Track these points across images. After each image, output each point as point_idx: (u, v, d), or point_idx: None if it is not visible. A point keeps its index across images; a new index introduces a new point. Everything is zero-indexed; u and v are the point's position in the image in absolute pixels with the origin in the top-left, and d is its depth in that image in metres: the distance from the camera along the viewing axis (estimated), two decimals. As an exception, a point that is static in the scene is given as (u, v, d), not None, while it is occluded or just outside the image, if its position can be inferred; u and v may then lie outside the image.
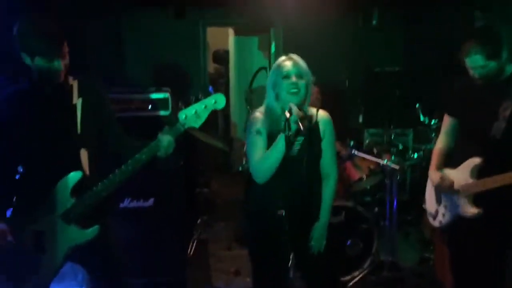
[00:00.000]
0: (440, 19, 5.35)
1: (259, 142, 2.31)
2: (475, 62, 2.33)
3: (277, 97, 2.33)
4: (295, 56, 2.36)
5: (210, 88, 2.64)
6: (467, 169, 2.43)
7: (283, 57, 2.37)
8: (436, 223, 2.71)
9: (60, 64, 2.09)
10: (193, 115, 2.12)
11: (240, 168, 5.63)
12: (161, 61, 5.66)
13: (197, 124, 2.14)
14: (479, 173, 2.39)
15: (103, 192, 2.13)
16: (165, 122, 2.25)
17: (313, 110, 2.41)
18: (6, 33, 2.17)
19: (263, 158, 2.25)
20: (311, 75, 2.37)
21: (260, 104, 2.48)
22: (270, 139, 2.31)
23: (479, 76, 2.36)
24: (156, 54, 5.66)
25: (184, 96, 5.05)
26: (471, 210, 2.41)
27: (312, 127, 2.37)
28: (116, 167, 2.15)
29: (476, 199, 2.41)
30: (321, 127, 2.43)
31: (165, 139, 2.13)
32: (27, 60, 2.10)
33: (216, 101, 2.14)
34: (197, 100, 2.17)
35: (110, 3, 5.18)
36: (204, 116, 2.13)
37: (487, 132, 2.34)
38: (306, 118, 2.26)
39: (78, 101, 2.17)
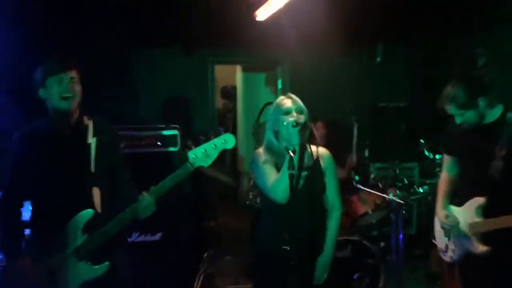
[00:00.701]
0: (443, 55, 5.48)
1: (269, 168, 2.38)
2: (451, 111, 2.44)
3: (276, 135, 2.42)
4: (293, 95, 2.47)
5: (220, 129, 2.73)
6: (472, 208, 2.47)
7: (281, 97, 2.48)
8: (447, 258, 2.73)
9: (69, 86, 2.16)
10: (203, 154, 2.18)
11: (247, 202, 5.68)
12: (171, 97, 5.81)
13: (207, 163, 2.19)
14: (484, 212, 2.44)
15: (113, 230, 2.19)
16: (174, 158, 2.32)
17: (313, 147, 2.49)
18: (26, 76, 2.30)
19: (280, 178, 2.27)
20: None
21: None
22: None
23: (460, 122, 2.45)
24: (166, 90, 5.81)
25: (194, 131, 5.17)
26: (480, 248, 2.44)
27: (314, 162, 2.44)
28: (127, 206, 2.22)
29: (484, 237, 2.44)
30: (322, 162, 2.51)
31: (145, 200, 2.18)
32: (44, 94, 2.20)
33: (226, 140, 2.20)
34: (207, 138, 2.24)
35: (121, 40, 5.37)
36: (213, 155, 2.19)
37: (487, 172, 2.38)
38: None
39: (92, 140, 2.25)
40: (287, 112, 2.37)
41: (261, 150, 2.48)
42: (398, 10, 4.19)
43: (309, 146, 2.45)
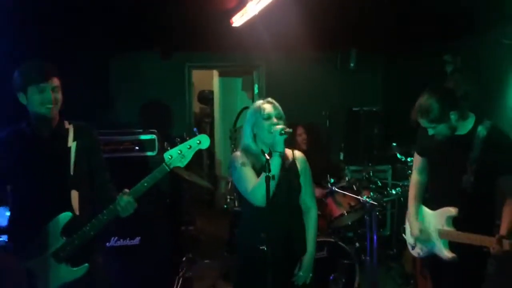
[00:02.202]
0: (415, 61, 5.64)
1: (248, 171, 2.42)
2: (423, 124, 2.51)
3: (255, 137, 2.48)
4: (272, 100, 2.53)
5: (195, 129, 2.76)
6: (444, 216, 2.55)
7: (261, 101, 2.53)
8: (414, 253, 2.83)
9: (50, 94, 2.18)
10: (178, 155, 2.23)
11: (225, 206, 5.72)
12: (148, 102, 5.81)
13: (183, 163, 2.25)
14: (454, 222, 2.52)
15: (91, 232, 2.22)
16: (152, 162, 2.36)
17: (288, 150, 2.56)
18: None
19: (260, 182, 2.30)
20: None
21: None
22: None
23: (432, 133, 2.51)
24: (143, 95, 5.81)
25: (170, 135, 5.18)
26: (446, 254, 2.54)
27: (290, 164, 2.52)
28: (105, 208, 2.24)
29: (452, 245, 2.53)
30: (298, 165, 2.58)
31: (124, 200, 2.22)
32: (23, 99, 2.21)
33: (200, 141, 2.25)
34: (182, 140, 2.28)
35: (98, 44, 5.35)
36: (189, 156, 2.24)
37: (458, 184, 2.46)
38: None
39: (72, 144, 2.28)
40: (269, 117, 2.43)
41: (238, 153, 2.52)
42: (371, 17, 4.30)
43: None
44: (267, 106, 2.47)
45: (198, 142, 2.25)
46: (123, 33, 4.81)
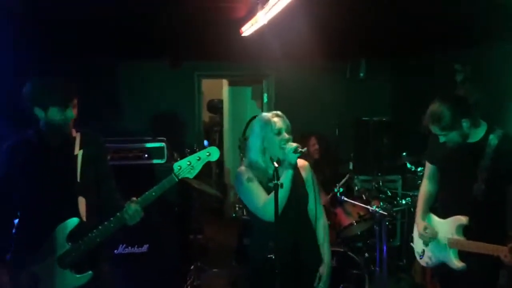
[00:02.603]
0: (425, 71, 5.62)
1: (255, 186, 2.39)
2: (435, 131, 2.48)
3: (264, 151, 2.44)
4: (281, 114, 2.49)
5: (206, 142, 2.77)
6: (454, 225, 2.52)
7: (269, 114, 2.48)
8: (423, 262, 2.79)
9: (72, 113, 2.26)
10: (187, 166, 2.23)
11: (234, 215, 5.71)
12: (157, 110, 5.85)
13: (191, 175, 2.26)
14: (465, 231, 2.49)
15: (97, 238, 2.23)
16: (160, 170, 2.37)
17: None
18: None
19: (271, 199, 2.28)
20: None
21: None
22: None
23: (444, 141, 2.49)
24: (153, 104, 5.85)
25: (180, 144, 5.20)
26: (456, 264, 2.51)
27: (296, 174, 2.48)
28: (111, 215, 2.26)
29: (461, 253, 2.51)
30: (303, 173, 2.57)
31: (132, 208, 2.23)
32: (40, 114, 2.24)
33: (210, 153, 2.26)
34: (192, 152, 2.29)
35: (108, 53, 5.41)
36: (198, 167, 2.25)
37: (470, 193, 2.43)
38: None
39: (79, 152, 2.31)
40: (279, 132, 2.40)
41: (243, 168, 2.47)
42: (381, 27, 4.29)
43: None
44: (277, 120, 2.42)
45: (208, 154, 2.26)
46: (133, 42, 4.86)
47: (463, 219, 2.48)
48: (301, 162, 2.58)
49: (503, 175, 2.39)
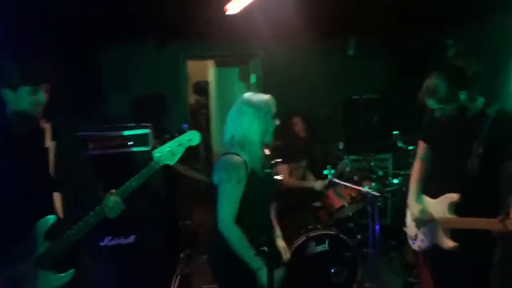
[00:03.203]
0: (416, 48, 5.53)
1: (238, 193, 2.28)
2: (432, 105, 2.41)
3: (264, 133, 2.36)
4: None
5: (185, 126, 2.67)
6: (445, 203, 2.47)
7: (266, 96, 2.41)
8: (415, 247, 2.75)
9: (44, 98, 2.11)
10: (168, 152, 2.16)
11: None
12: (141, 93, 5.69)
13: (173, 161, 2.19)
14: (457, 209, 2.44)
15: (77, 235, 2.13)
16: (142, 158, 2.27)
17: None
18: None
19: (242, 245, 2.28)
20: None
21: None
22: (253, 176, 2.33)
23: (440, 115, 2.42)
24: (136, 87, 5.69)
25: (165, 128, 5.06)
26: (448, 243, 2.46)
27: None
28: (90, 210, 2.15)
29: (453, 233, 2.45)
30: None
31: (111, 201, 2.15)
32: (9, 96, 2.10)
33: (191, 138, 2.19)
34: (172, 137, 2.20)
35: (89, 34, 5.20)
36: (179, 153, 2.18)
37: (462, 168, 2.37)
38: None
39: (51, 144, 2.18)
40: (274, 117, 2.39)
41: (239, 158, 2.31)
42: (371, 4, 4.19)
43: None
44: (272, 104, 2.39)
45: (188, 139, 2.19)
46: (115, 21, 4.67)
47: (454, 196, 2.43)
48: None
49: (499, 150, 2.33)
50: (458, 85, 2.32)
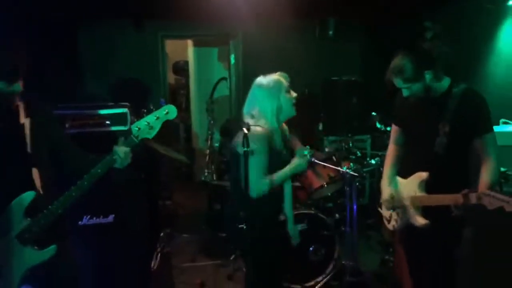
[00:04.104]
0: (395, 29, 5.56)
1: (266, 162, 2.46)
2: (398, 84, 2.44)
3: (278, 113, 2.51)
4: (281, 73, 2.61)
5: (162, 101, 2.66)
6: (415, 182, 2.51)
7: (276, 75, 2.57)
8: (390, 227, 2.81)
9: (20, 87, 2.09)
10: (146, 126, 2.18)
11: (203, 179, 5.64)
12: (120, 73, 5.60)
13: (151, 135, 2.20)
14: (426, 187, 2.48)
15: (58, 210, 2.11)
16: (119, 136, 2.26)
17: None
18: None
19: (280, 176, 2.49)
20: None
21: (221, 114, 2.56)
22: (272, 153, 2.49)
23: (407, 94, 2.45)
24: (115, 67, 5.59)
25: (144, 108, 5.01)
26: (419, 221, 2.51)
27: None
28: (71, 184, 2.13)
29: (425, 210, 2.50)
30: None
31: (121, 150, 2.18)
32: None
33: (168, 111, 2.20)
34: (149, 111, 2.22)
35: (66, 14, 5.07)
36: (157, 127, 2.19)
37: (431, 147, 2.42)
38: None
39: (26, 121, 2.14)
40: (289, 91, 2.56)
41: (261, 129, 2.47)
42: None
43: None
44: (285, 80, 2.56)
45: (165, 112, 2.20)
46: (93, 2, 4.56)
47: (423, 175, 2.47)
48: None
49: (465, 128, 2.37)
50: (423, 65, 2.35)
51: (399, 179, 2.68)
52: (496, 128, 2.46)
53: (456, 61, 2.57)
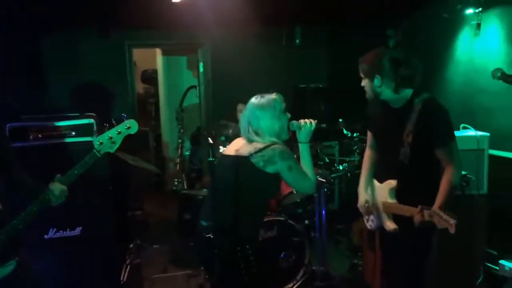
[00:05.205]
0: (358, 37, 5.68)
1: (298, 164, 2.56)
2: (360, 70, 2.52)
3: (282, 129, 2.53)
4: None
5: (123, 116, 2.69)
6: (386, 189, 2.58)
7: (273, 95, 2.59)
8: (368, 226, 2.88)
9: None
10: (108, 141, 2.20)
11: (174, 188, 5.61)
12: (86, 83, 5.52)
13: (112, 149, 2.24)
14: (396, 194, 2.55)
15: (20, 225, 2.09)
16: (85, 148, 2.26)
17: None
18: None
19: (305, 162, 2.60)
20: None
21: (191, 123, 2.56)
22: None
23: (363, 85, 2.53)
24: (81, 76, 5.50)
25: (112, 118, 4.95)
26: (389, 226, 2.59)
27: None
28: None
29: (396, 216, 2.57)
30: None
31: (57, 189, 2.15)
32: None
33: (129, 126, 2.25)
34: (111, 126, 2.23)
35: (29, 22, 4.97)
36: (118, 141, 2.23)
37: (397, 157, 2.46)
38: None
39: None
40: (284, 110, 2.57)
41: (282, 146, 2.49)
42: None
43: None
44: (282, 100, 2.58)
45: (127, 127, 2.25)
46: (56, 10, 4.48)
47: (393, 183, 2.55)
48: None
49: (426, 140, 2.41)
50: (376, 67, 2.42)
51: (375, 182, 2.74)
52: (456, 133, 2.53)
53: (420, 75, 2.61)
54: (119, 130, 2.22)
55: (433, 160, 2.47)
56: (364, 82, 2.51)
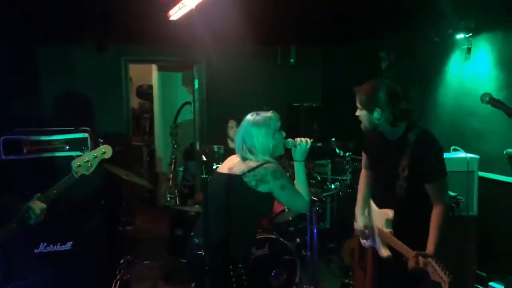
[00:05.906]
0: (352, 57, 5.78)
1: (292, 182, 2.56)
2: (357, 101, 2.51)
3: (275, 147, 2.52)
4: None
5: (99, 141, 2.76)
6: (383, 218, 2.59)
7: (269, 113, 2.57)
8: (362, 243, 2.88)
9: None
10: (85, 163, 2.32)
11: (167, 204, 5.59)
12: (81, 97, 5.53)
13: (88, 171, 2.36)
14: (392, 224, 2.55)
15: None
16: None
17: None
18: None
19: (300, 181, 2.58)
20: None
21: (185, 139, 2.58)
22: None
23: (357, 115, 2.51)
24: (76, 90, 5.51)
25: (106, 132, 4.96)
26: (383, 252, 2.59)
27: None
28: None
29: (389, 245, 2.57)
30: None
31: (37, 207, 2.20)
32: None
33: (105, 151, 2.40)
34: (105, 142, 2.35)
35: (26, 34, 5.00)
36: (95, 164, 2.37)
37: (393, 189, 2.45)
38: None
39: None
40: (279, 128, 2.57)
41: (275, 163, 2.48)
42: (310, 12, 4.33)
43: None
44: (277, 118, 2.57)
45: (103, 151, 2.39)
46: (54, 22, 4.52)
47: (389, 214, 2.54)
48: None
49: (420, 175, 2.40)
50: (376, 101, 2.40)
51: (372, 205, 2.73)
52: (446, 155, 2.54)
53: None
54: (95, 154, 2.36)
55: (428, 196, 2.46)
56: (361, 113, 2.49)
